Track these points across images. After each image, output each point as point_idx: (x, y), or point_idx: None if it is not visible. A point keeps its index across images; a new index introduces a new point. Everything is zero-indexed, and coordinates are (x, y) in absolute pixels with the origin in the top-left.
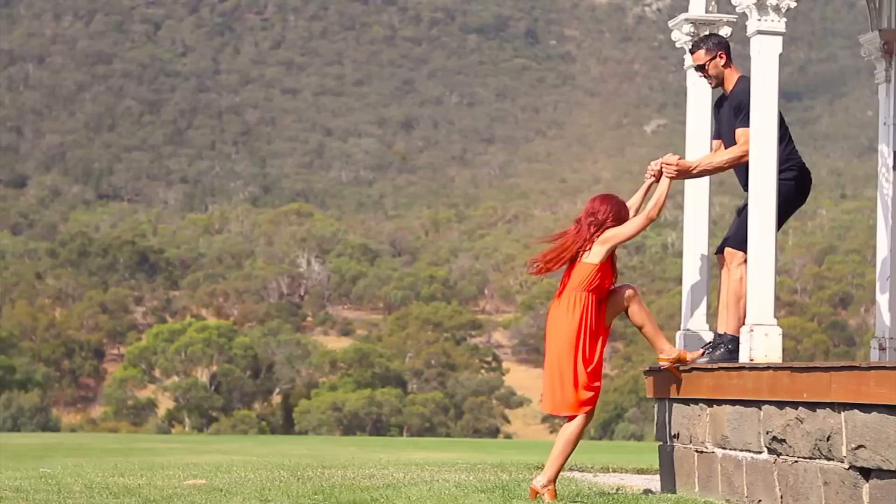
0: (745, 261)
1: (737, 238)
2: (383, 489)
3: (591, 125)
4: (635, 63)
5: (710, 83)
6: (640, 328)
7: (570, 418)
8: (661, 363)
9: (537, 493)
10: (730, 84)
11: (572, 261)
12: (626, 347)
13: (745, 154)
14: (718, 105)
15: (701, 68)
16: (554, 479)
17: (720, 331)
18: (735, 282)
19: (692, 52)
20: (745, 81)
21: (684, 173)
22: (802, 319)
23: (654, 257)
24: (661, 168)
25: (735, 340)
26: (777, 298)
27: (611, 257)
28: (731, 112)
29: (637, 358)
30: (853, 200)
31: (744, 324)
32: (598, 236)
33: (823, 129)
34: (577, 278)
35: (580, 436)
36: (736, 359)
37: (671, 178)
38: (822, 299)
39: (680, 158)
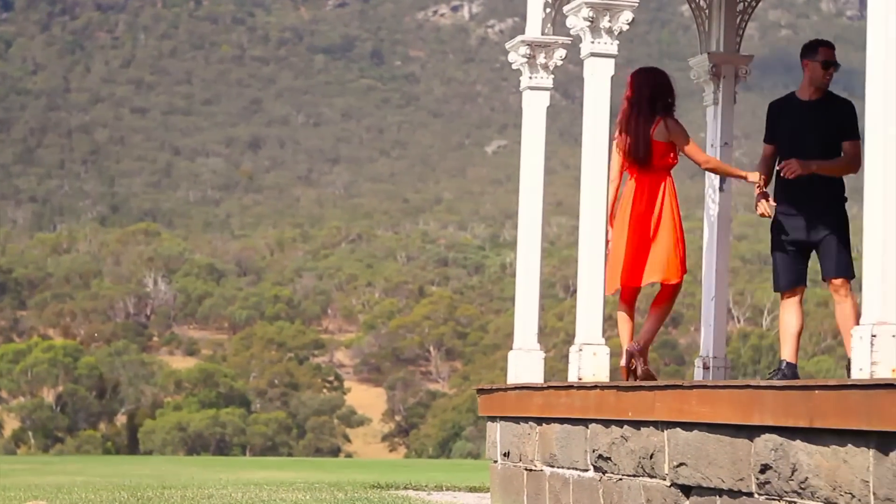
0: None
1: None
2: None
3: (433, 146)
4: (478, 84)
5: (825, 80)
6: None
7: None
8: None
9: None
10: (821, 93)
11: (641, 142)
12: (465, 366)
13: (854, 166)
14: (791, 110)
15: (830, 65)
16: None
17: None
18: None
19: (830, 47)
20: (838, 97)
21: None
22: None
23: (492, 277)
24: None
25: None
26: (608, 318)
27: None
28: (822, 120)
29: (475, 377)
30: (685, 221)
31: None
32: (662, 113)
33: None
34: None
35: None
36: None
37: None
38: None
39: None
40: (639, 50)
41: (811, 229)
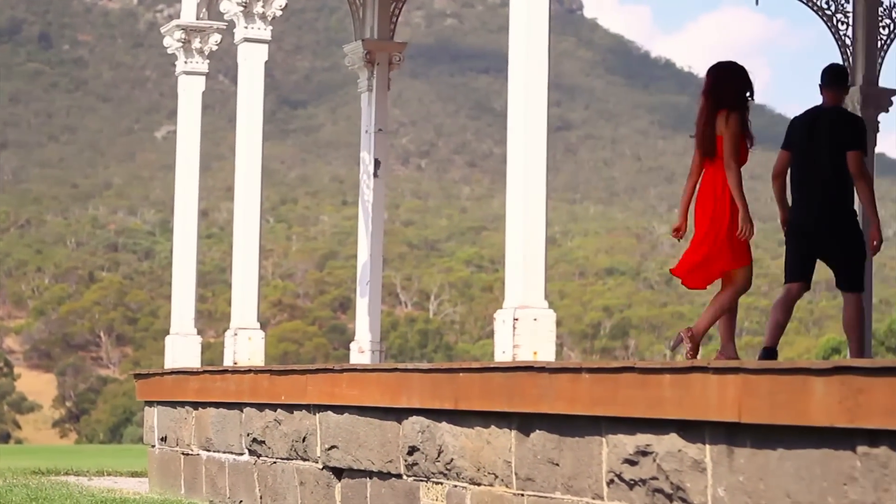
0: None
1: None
2: None
3: (102, 130)
4: (147, 69)
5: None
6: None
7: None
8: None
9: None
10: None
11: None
12: (135, 352)
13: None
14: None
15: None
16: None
17: None
18: None
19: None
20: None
21: None
22: (304, 323)
23: (162, 262)
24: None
25: None
26: (279, 303)
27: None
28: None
29: (146, 362)
30: (353, 207)
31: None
32: (724, 108)
33: (326, 137)
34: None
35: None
36: None
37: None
38: (324, 303)
39: None
40: (307, 37)
41: None
